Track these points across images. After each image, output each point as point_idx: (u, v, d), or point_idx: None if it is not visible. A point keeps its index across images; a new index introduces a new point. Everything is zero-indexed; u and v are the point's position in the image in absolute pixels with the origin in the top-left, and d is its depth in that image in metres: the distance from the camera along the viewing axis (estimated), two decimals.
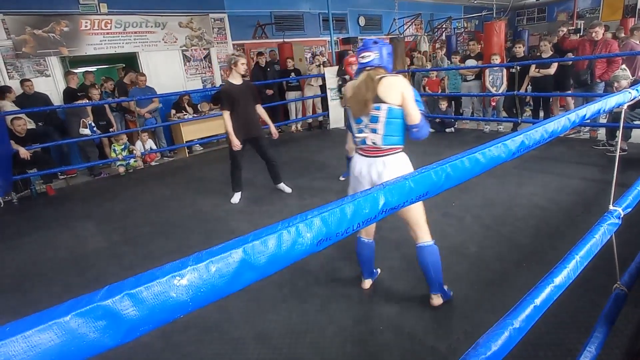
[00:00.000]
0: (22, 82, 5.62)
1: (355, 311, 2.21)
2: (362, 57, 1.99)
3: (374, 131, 1.99)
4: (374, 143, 2.02)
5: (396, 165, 2.03)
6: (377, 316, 2.15)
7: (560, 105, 6.31)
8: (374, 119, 1.96)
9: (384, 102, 1.92)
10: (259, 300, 2.37)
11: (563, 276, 1.20)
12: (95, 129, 5.81)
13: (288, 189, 4.25)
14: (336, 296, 2.37)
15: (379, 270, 2.56)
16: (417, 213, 2.09)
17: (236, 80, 3.77)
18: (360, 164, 2.09)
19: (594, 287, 2.07)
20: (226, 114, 3.74)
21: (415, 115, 1.94)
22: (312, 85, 7.91)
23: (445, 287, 2.19)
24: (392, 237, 3.01)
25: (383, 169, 2.02)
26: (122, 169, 5.93)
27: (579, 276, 1.27)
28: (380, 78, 1.94)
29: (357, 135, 2.06)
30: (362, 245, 2.34)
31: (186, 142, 6.73)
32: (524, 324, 1.06)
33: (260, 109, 4.02)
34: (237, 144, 3.76)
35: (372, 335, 2.00)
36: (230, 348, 2.01)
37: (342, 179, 4.56)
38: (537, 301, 1.12)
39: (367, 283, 2.44)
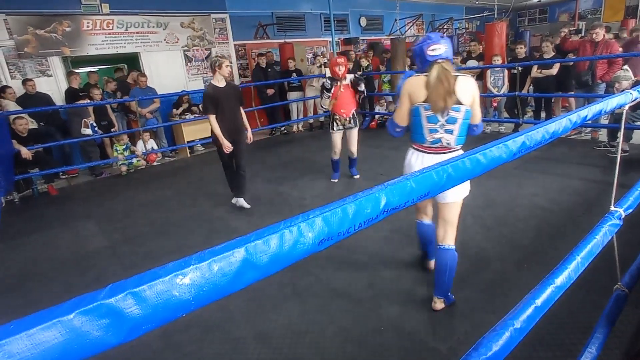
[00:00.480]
0: (24, 81, 5.64)
1: (355, 311, 2.22)
2: (433, 49, 1.92)
3: (449, 132, 1.97)
4: (447, 144, 2.01)
5: None
6: (377, 316, 2.15)
7: (563, 106, 6.30)
8: (452, 120, 1.94)
9: (461, 104, 1.92)
10: (260, 300, 2.37)
11: (564, 277, 1.21)
12: (96, 128, 5.83)
13: (247, 205, 3.94)
14: (336, 296, 2.37)
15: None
16: (456, 214, 2.12)
17: (220, 82, 3.66)
18: (422, 161, 2.06)
19: (594, 287, 2.07)
20: (212, 118, 3.61)
21: (479, 115, 2.03)
22: (314, 86, 7.92)
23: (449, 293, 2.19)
24: (392, 236, 3.01)
25: None
26: (124, 169, 5.94)
27: (579, 277, 1.27)
28: (456, 76, 1.91)
29: (429, 135, 2.00)
30: (423, 227, 2.39)
31: (187, 142, 6.74)
32: (524, 324, 1.06)
33: (242, 113, 3.88)
34: (228, 145, 3.65)
35: (373, 336, 2.00)
36: (230, 348, 2.02)
37: (334, 180, 4.56)
38: (538, 302, 1.12)
39: (432, 264, 2.45)
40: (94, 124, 5.80)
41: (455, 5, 12.99)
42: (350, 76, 4.18)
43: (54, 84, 6.22)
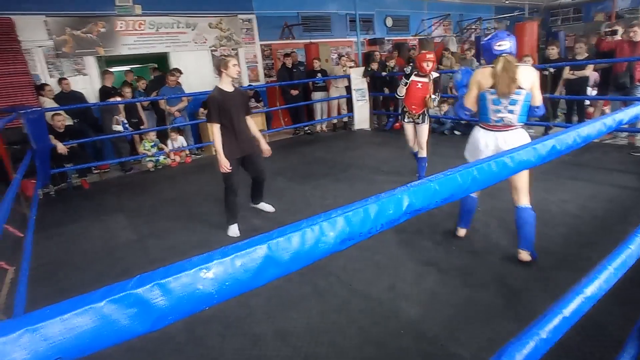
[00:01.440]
0: (60, 80, 5.91)
1: (375, 313, 2.20)
2: (499, 45, 2.36)
3: (511, 112, 2.40)
4: (510, 122, 2.43)
5: (521, 138, 2.46)
6: (397, 319, 2.13)
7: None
8: (514, 102, 2.36)
9: (522, 88, 2.33)
10: (280, 297, 2.39)
11: (595, 287, 1.16)
12: (127, 125, 6.03)
13: (271, 208, 3.81)
14: (357, 297, 2.36)
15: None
16: (525, 179, 2.45)
17: (227, 86, 3.20)
18: (487, 138, 2.51)
19: (627, 300, 1.98)
20: (216, 128, 3.12)
21: (540, 98, 2.43)
22: (338, 87, 7.92)
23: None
24: (414, 239, 2.97)
25: (509, 139, 2.44)
26: (150, 165, 6.12)
27: (611, 288, 1.22)
28: (517, 66, 2.33)
29: (494, 115, 2.44)
30: (467, 198, 2.75)
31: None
32: (551, 334, 1.03)
33: (250, 121, 3.42)
34: (226, 165, 3.16)
35: (392, 338, 1.99)
36: (250, 344, 2.05)
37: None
38: (566, 312, 1.08)
39: (462, 231, 2.89)
40: (125, 121, 6.01)
41: (484, 5, 12.67)
42: (435, 74, 4.13)
43: (88, 83, 6.49)
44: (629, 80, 4.97)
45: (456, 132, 6.62)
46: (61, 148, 5.19)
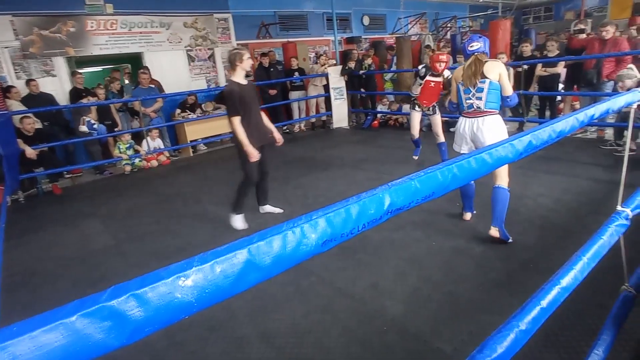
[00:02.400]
0: (28, 82, 5.67)
1: (359, 311, 2.21)
2: (472, 46, 2.78)
3: (479, 99, 2.77)
4: (478, 107, 2.79)
5: (492, 122, 2.79)
6: (381, 316, 2.14)
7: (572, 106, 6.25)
8: (480, 90, 2.75)
9: (487, 78, 2.71)
10: (263, 299, 2.37)
11: (570, 278, 1.19)
12: (94, 126, 5.81)
13: (279, 209, 3.75)
14: (340, 296, 2.36)
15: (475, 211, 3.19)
16: (504, 165, 2.78)
17: (241, 79, 3.22)
18: (464, 124, 2.90)
19: (601, 289, 2.05)
20: (237, 120, 3.14)
21: (509, 89, 2.77)
22: (316, 85, 7.91)
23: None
24: (395, 237, 3.00)
25: (482, 124, 2.79)
26: (127, 168, 5.96)
27: (586, 278, 1.26)
28: (485, 61, 2.74)
29: (466, 102, 2.84)
30: (465, 185, 2.96)
31: (190, 141, 6.76)
32: (530, 325, 1.05)
33: (263, 113, 3.53)
34: (256, 155, 3.21)
35: (377, 336, 2.00)
36: (234, 347, 2.02)
37: (415, 157, 5.05)
38: (544, 303, 1.11)
39: (468, 215, 3.18)
40: (92, 122, 5.79)
41: (459, 4, 12.92)
42: (447, 73, 4.37)
43: (58, 84, 6.26)
44: (595, 77, 5.15)
45: (451, 130, 6.71)
46: (30, 152, 4.98)
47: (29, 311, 0.43)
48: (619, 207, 1.48)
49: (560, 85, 6.13)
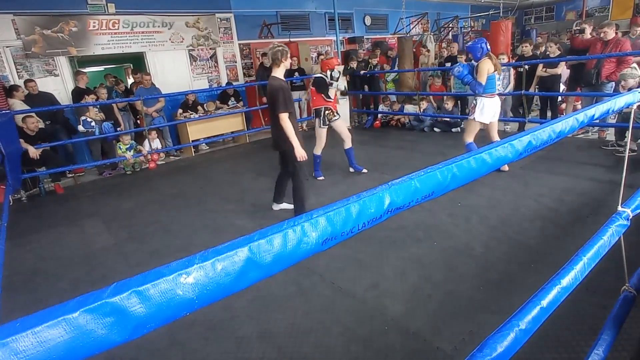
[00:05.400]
0: (26, 82, 5.63)
1: (360, 311, 2.21)
2: (488, 45, 4.07)
3: (498, 84, 4.03)
4: (498, 90, 3.97)
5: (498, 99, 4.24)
6: (382, 316, 2.15)
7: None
8: (498, 78, 4.10)
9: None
10: (264, 299, 2.37)
11: (570, 278, 1.19)
12: (92, 124, 5.80)
13: (290, 206, 3.66)
14: (341, 296, 2.37)
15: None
16: (470, 127, 4.31)
17: (282, 76, 3.23)
18: (496, 101, 4.13)
19: (601, 289, 2.05)
20: (287, 116, 3.11)
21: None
22: None
23: None
24: (397, 236, 3.00)
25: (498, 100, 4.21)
26: (129, 163, 5.96)
27: (586, 278, 1.26)
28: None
29: (497, 87, 4.15)
30: (472, 147, 4.15)
31: (192, 141, 6.77)
32: (530, 325, 1.06)
33: None
34: (304, 155, 3.24)
35: (377, 336, 2.00)
36: (234, 346, 2.02)
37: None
38: (544, 302, 1.11)
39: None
40: (90, 120, 5.78)
41: (460, 4, 12.90)
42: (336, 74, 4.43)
43: (60, 84, 6.27)
44: (594, 77, 5.13)
45: (436, 129, 6.72)
46: (32, 152, 4.99)
47: (29, 310, 0.43)
48: (619, 208, 1.48)
49: (562, 86, 6.13)
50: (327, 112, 4.32)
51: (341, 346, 1.95)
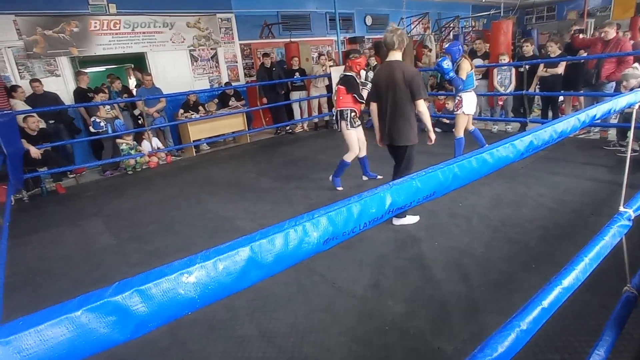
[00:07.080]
0: (31, 82, 5.67)
1: (360, 311, 2.21)
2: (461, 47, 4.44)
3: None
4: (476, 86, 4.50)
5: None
6: (382, 316, 2.15)
7: (573, 105, 6.23)
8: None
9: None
10: (265, 298, 2.38)
11: (572, 278, 1.19)
12: (102, 124, 5.82)
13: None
14: (342, 296, 2.37)
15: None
16: (460, 121, 4.45)
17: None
18: (474, 95, 4.42)
19: (603, 289, 2.05)
20: (425, 103, 3.22)
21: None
22: (317, 87, 7.91)
23: None
24: (398, 237, 3.00)
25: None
26: (131, 162, 5.97)
27: (587, 278, 1.26)
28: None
29: (475, 82, 4.48)
30: (477, 132, 4.70)
31: (193, 141, 6.78)
32: (531, 325, 1.05)
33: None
34: (434, 137, 3.39)
35: (378, 335, 2.00)
36: (235, 346, 2.02)
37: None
38: (545, 303, 1.11)
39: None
40: (98, 121, 5.79)
41: (461, 4, 12.89)
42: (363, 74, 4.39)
43: (62, 84, 6.28)
44: (594, 78, 5.12)
45: (437, 130, 6.70)
46: (34, 152, 5.01)
47: (31, 309, 0.43)
48: (621, 208, 1.48)
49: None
50: (352, 114, 4.14)
51: (341, 346, 1.95)
